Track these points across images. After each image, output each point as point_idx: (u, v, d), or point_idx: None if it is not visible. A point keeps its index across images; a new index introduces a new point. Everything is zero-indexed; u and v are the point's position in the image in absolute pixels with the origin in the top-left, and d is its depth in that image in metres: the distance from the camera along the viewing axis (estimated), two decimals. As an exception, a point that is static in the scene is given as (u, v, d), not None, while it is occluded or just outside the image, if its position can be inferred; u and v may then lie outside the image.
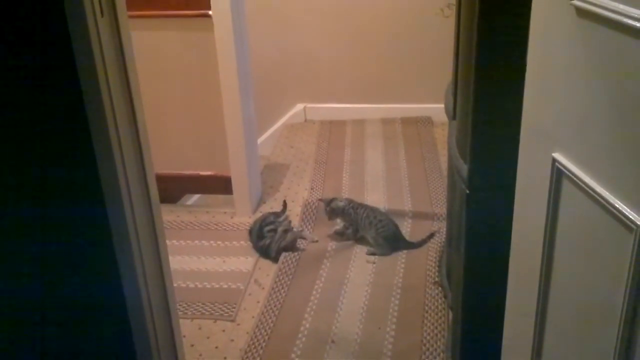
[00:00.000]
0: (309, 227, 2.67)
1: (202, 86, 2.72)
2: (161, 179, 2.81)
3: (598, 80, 0.87)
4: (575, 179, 0.94)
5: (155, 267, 1.42)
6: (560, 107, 0.98)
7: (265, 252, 2.50)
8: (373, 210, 2.54)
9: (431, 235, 2.50)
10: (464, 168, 1.54)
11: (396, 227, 2.51)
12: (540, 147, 1.03)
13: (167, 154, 2.83)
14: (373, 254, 2.48)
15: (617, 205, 0.85)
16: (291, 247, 2.49)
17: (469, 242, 1.57)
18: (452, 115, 1.85)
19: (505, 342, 1.25)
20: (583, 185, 0.92)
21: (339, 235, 2.58)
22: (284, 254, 2.46)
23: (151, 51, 2.66)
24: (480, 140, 1.44)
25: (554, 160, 0.98)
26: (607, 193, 0.87)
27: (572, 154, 0.95)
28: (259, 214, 2.81)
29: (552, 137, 1.00)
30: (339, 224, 2.59)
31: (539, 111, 1.04)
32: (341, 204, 2.53)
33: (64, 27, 1.07)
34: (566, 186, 0.97)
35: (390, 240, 2.48)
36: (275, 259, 2.46)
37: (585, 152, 0.92)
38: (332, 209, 2.53)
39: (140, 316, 1.36)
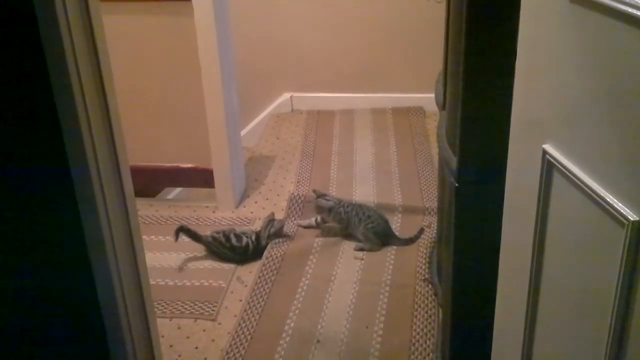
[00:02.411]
0: (295, 221, 2.66)
1: (182, 74, 2.71)
2: (140, 172, 2.77)
3: (590, 69, 0.87)
4: (566, 171, 0.94)
5: (131, 264, 1.41)
6: (551, 97, 0.98)
7: (249, 251, 2.46)
8: (361, 206, 2.55)
9: (421, 231, 2.51)
10: (453, 160, 1.54)
11: (386, 222, 2.52)
12: (530, 139, 1.03)
13: (145, 146, 2.81)
14: (362, 249, 2.48)
15: (609, 200, 0.85)
16: (280, 234, 2.51)
17: (458, 237, 1.57)
18: (442, 105, 1.85)
19: (495, 340, 1.25)
20: (574, 178, 0.92)
21: (316, 227, 2.58)
22: (267, 250, 2.45)
23: (128, 36, 2.64)
24: (470, 132, 1.44)
25: (545, 152, 0.98)
26: (599, 187, 0.87)
27: (563, 145, 0.95)
28: (242, 209, 2.83)
29: (542, 127, 1.00)
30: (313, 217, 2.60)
31: (529, 101, 1.03)
32: (329, 203, 2.53)
33: (31, 9, 1.06)
34: (557, 179, 0.97)
35: (380, 236, 2.48)
36: (262, 251, 2.45)
37: (577, 144, 0.92)
38: (318, 206, 2.54)
39: (114, 315, 1.34)
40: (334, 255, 2.47)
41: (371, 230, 2.47)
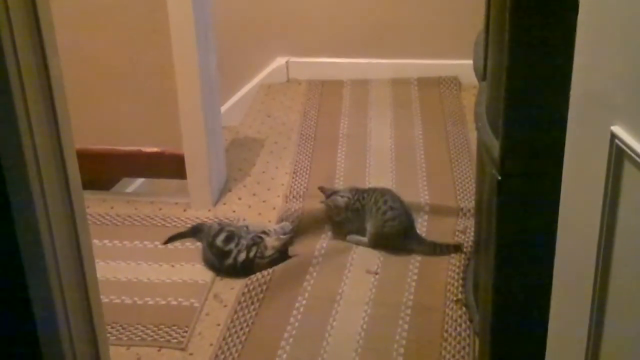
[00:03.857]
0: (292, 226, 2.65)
1: (146, 32, 2.75)
2: (90, 158, 2.68)
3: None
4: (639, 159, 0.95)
5: (77, 277, 1.41)
6: (622, 66, 0.98)
7: (235, 272, 2.45)
8: (384, 193, 2.56)
9: (456, 248, 2.48)
10: (496, 146, 1.55)
11: (411, 222, 2.53)
12: (595, 119, 1.04)
13: (97, 124, 2.82)
14: (357, 243, 2.51)
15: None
16: (283, 259, 2.48)
17: (500, 245, 1.60)
18: (482, 75, 1.87)
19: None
20: (651, 168, 0.94)
21: (338, 229, 2.59)
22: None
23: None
24: (517, 109, 1.47)
25: (613, 135, 0.99)
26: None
27: (637, 127, 0.95)
28: (222, 207, 2.82)
29: (610, 105, 1.00)
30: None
31: (594, 71, 1.04)
32: (343, 199, 2.54)
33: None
34: (628, 168, 0.98)
35: (396, 238, 2.49)
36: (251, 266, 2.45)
37: (655, 125, 0.94)
38: (333, 207, 2.55)
39: (54, 342, 1.34)
40: (341, 267, 2.46)
41: (388, 226, 2.49)
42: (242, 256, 2.44)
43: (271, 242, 2.47)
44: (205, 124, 2.74)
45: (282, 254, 2.47)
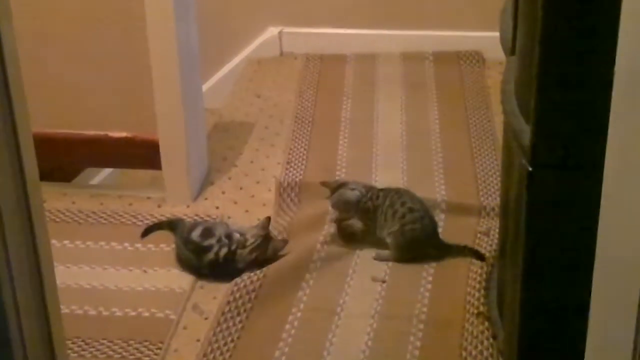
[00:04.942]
0: (285, 225, 2.68)
1: (116, 1, 2.79)
2: (49, 144, 2.67)
3: None
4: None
5: (32, 283, 1.39)
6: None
7: (218, 268, 2.49)
8: (401, 193, 2.55)
9: (476, 254, 2.48)
10: (526, 131, 1.55)
11: (434, 224, 2.53)
12: (644, 100, 1.05)
13: (58, 105, 2.85)
14: (385, 260, 2.49)
15: None
16: (266, 244, 2.52)
17: (530, 249, 1.60)
18: (511, 48, 1.87)
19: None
20: None
21: (344, 233, 2.59)
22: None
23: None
24: (552, 88, 1.46)
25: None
26: None
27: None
28: (202, 202, 2.81)
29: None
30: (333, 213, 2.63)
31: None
32: (353, 193, 2.54)
33: None
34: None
35: (419, 244, 2.49)
36: (234, 269, 2.48)
37: None
38: (342, 201, 2.54)
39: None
40: (342, 273, 2.46)
41: (409, 232, 2.48)
42: (225, 250, 2.47)
43: (250, 232, 2.51)
44: (184, 105, 2.74)
45: (264, 239, 2.50)
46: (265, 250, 2.49)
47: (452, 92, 3.39)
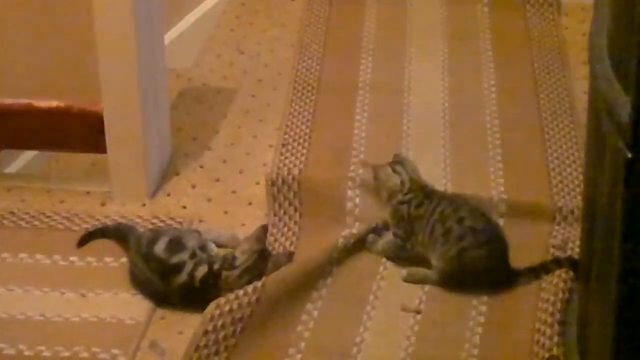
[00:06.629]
0: (281, 228, 2.70)
1: None
2: None
3: None
4: None
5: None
6: None
7: (193, 294, 2.48)
8: (456, 205, 2.53)
9: (557, 262, 2.48)
10: (623, 103, 1.57)
11: (503, 245, 2.50)
12: None
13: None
14: (421, 282, 2.50)
15: None
16: (263, 262, 2.52)
17: (628, 266, 1.62)
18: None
19: None
20: None
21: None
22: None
23: None
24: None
25: None
26: None
27: None
28: (163, 200, 2.81)
29: None
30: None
31: None
32: (397, 177, 2.57)
33: None
34: None
35: (478, 273, 2.48)
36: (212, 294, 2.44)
37: None
38: (380, 177, 2.59)
39: None
40: (360, 298, 2.45)
41: (470, 261, 2.46)
42: (203, 270, 2.45)
43: (240, 247, 2.50)
44: (139, 63, 2.70)
45: (260, 256, 2.50)
46: (262, 271, 2.48)
47: (515, 47, 3.43)
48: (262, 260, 2.47)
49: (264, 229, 2.54)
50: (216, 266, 2.44)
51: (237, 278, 2.44)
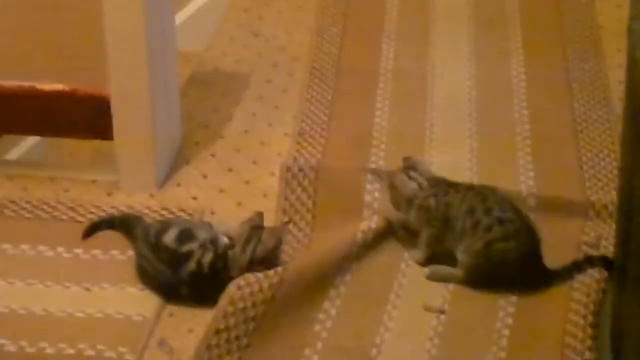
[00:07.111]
0: (297, 220, 2.67)
1: None
2: None
3: None
4: None
5: None
6: None
7: (204, 282, 2.47)
8: (484, 195, 2.51)
9: (589, 260, 2.45)
10: None
11: (534, 239, 2.46)
12: None
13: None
14: (445, 280, 2.47)
15: None
16: (273, 260, 2.50)
17: None
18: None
19: None
20: None
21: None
22: (234, 285, 2.39)
23: None
24: None
25: None
26: None
27: None
28: (173, 190, 2.79)
29: None
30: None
31: None
32: (411, 183, 2.55)
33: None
34: None
35: (507, 269, 2.44)
36: (220, 286, 2.41)
37: None
38: (394, 186, 2.56)
39: None
40: (380, 297, 2.43)
41: (498, 253, 2.43)
42: (209, 256, 2.46)
43: (236, 231, 2.53)
44: (148, 45, 2.68)
45: (253, 226, 2.51)
46: (258, 241, 2.47)
47: (546, 33, 3.43)
48: (257, 229, 2.48)
49: (260, 214, 2.54)
50: (220, 250, 2.46)
51: (241, 253, 2.44)
